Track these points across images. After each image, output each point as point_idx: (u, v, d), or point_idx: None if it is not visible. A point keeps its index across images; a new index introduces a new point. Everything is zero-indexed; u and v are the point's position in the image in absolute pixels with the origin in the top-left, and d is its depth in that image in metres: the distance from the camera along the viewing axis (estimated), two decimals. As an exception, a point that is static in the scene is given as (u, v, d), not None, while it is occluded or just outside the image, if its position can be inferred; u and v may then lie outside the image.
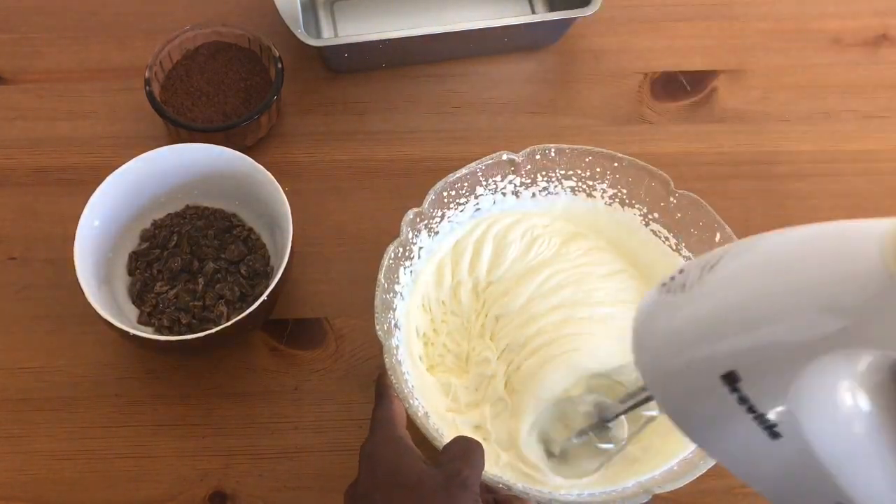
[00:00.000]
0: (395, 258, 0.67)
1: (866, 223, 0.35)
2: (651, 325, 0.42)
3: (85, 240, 0.67)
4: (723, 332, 0.38)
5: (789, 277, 0.36)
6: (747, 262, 0.39)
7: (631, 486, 0.62)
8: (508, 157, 0.71)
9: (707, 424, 0.40)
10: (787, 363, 0.36)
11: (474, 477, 0.49)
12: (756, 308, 0.37)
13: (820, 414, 0.36)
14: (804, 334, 0.35)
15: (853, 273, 0.34)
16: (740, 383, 0.37)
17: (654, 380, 0.42)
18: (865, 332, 0.34)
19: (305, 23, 0.81)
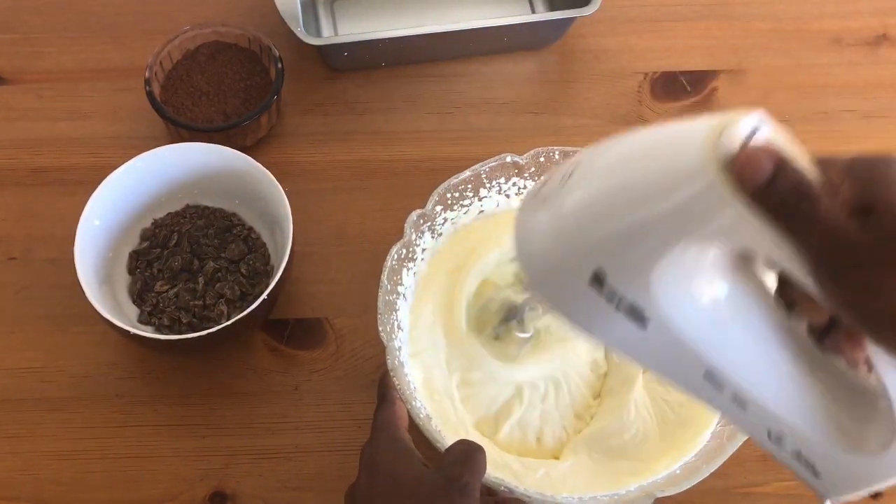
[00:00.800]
0: (399, 259, 0.67)
1: (700, 120, 0.38)
2: (524, 235, 0.45)
3: (85, 239, 0.67)
4: (583, 232, 0.41)
5: (632, 173, 0.40)
6: (596, 167, 0.42)
7: (634, 490, 0.62)
8: (512, 159, 0.71)
9: (585, 318, 0.44)
10: (642, 255, 0.39)
11: (475, 482, 0.49)
12: (607, 205, 0.40)
13: (679, 302, 0.41)
14: (650, 225, 0.39)
15: (683, 164, 0.37)
16: (607, 279, 0.41)
17: (533, 283, 0.45)
18: (699, 225, 0.37)
19: (305, 22, 0.81)
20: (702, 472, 0.60)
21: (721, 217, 0.36)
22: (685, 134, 0.38)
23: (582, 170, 0.42)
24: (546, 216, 0.43)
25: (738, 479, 0.68)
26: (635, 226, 0.39)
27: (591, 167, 0.42)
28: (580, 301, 0.42)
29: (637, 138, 0.42)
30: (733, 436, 0.61)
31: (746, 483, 0.68)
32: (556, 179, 0.43)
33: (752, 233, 0.36)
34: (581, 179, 0.42)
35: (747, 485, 0.68)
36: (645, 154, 0.40)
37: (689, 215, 0.37)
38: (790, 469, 0.45)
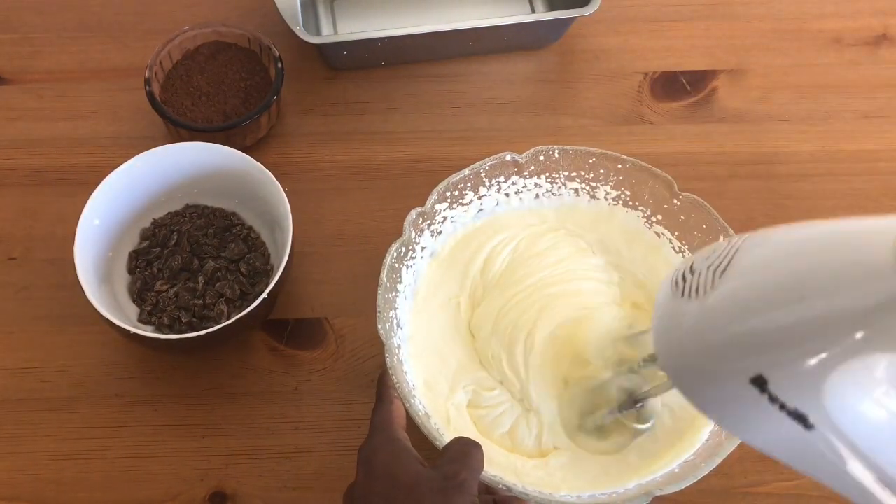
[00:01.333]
0: (398, 257, 0.67)
1: (882, 220, 0.35)
2: (672, 331, 0.42)
3: (85, 238, 0.67)
4: (745, 338, 0.38)
5: (804, 274, 0.36)
6: (760, 260, 0.38)
7: (632, 488, 0.62)
8: (512, 157, 0.71)
9: (738, 420, 0.40)
10: (813, 363, 0.35)
11: (472, 479, 0.49)
12: (773, 308, 0.37)
13: (852, 409, 0.37)
14: (825, 333, 0.35)
15: (866, 274, 0.34)
16: (769, 385, 0.37)
17: (682, 382, 0.42)
18: (885, 334, 0.34)
19: (305, 21, 0.81)
20: (701, 470, 0.60)
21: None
22: (872, 229, 0.35)
23: (742, 260, 0.39)
24: (699, 310, 0.40)
25: (738, 479, 0.68)
26: (805, 329, 0.35)
27: (754, 257, 0.39)
28: (734, 401, 0.39)
29: (811, 230, 0.38)
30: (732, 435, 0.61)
31: (746, 483, 0.68)
32: (709, 267, 0.40)
33: None
34: (741, 272, 0.39)
35: (747, 485, 0.68)
36: (822, 248, 0.36)
37: (872, 321, 0.34)
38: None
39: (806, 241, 0.38)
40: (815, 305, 0.35)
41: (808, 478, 0.61)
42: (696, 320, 0.40)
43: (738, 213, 0.72)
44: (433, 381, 0.67)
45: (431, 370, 0.67)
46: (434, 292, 0.70)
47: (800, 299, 0.36)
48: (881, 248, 0.33)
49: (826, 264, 0.36)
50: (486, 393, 0.67)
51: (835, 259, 0.35)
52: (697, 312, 0.40)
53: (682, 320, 0.41)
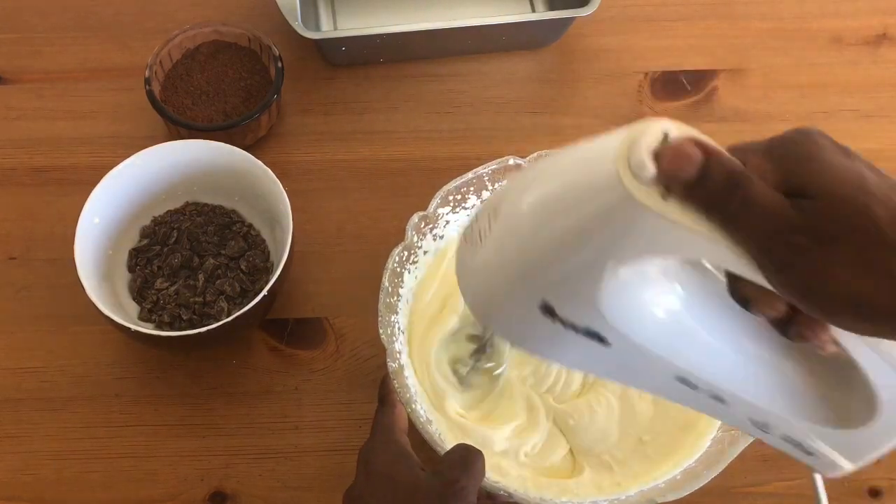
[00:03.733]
0: (400, 262, 0.66)
1: (609, 137, 0.37)
2: (467, 276, 0.45)
3: (85, 236, 0.67)
4: (520, 272, 0.41)
5: (552, 205, 0.39)
6: (519, 201, 0.41)
7: (634, 496, 0.62)
8: (515, 161, 0.70)
9: (546, 345, 0.43)
10: (584, 285, 0.39)
11: (471, 486, 0.48)
12: (538, 245, 0.40)
13: (633, 313, 0.40)
14: (582, 255, 0.38)
15: (599, 194, 0.36)
16: (556, 311, 0.40)
17: (486, 320, 0.46)
18: (623, 242, 0.37)
19: (305, 18, 0.81)
20: (703, 477, 0.60)
21: (643, 229, 0.36)
22: (597, 151, 0.38)
23: (506, 205, 0.42)
24: (481, 257, 0.43)
25: (738, 479, 0.68)
26: (563, 255, 0.39)
27: (514, 202, 0.42)
28: (536, 330, 0.42)
29: (553, 163, 0.41)
30: (735, 441, 0.61)
31: (746, 483, 0.68)
32: (486, 217, 0.43)
33: (680, 239, 0.36)
34: (506, 215, 0.42)
35: (747, 485, 0.68)
36: (561, 179, 0.40)
37: (611, 234, 0.37)
38: (782, 451, 0.45)
39: (548, 178, 0.41)
40: (567, 234, 0.38)
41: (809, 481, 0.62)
42: (478, 265, 0.43)
43: (738, 213, 0.71)
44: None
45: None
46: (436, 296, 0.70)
47: (553, 233, 0.39)
48: (606, 167, 0.36)
49: (567, 197, 0.38)
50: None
51: (572, 190, 0.38)
52: (480, 258, 0.43)
53: (470, 266, 0.44)
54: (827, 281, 0.34)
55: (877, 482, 0.68)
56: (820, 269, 0.34)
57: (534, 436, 0.65)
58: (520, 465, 0.65)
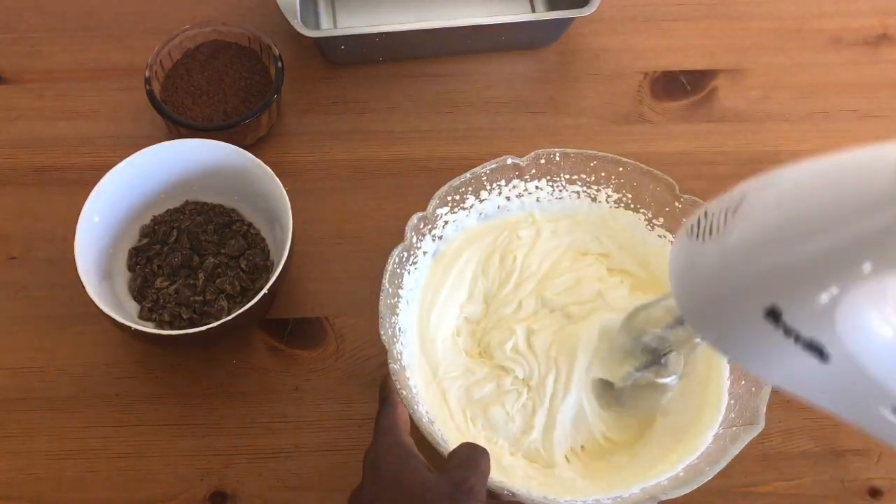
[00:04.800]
0: (400, 263, 0.66)
1: (885, 146, 0.36)
2: (688, 273, 0.43)
3: (85, 236, 0.68)
4: (758, 269, 0.38)
5: (815, 201, 0.37)
6: (772, 196, 0.39)
7: (637, 493, 0.62)
8: (513, 161, 0.70)
9: (756, 356, 0.41)
10: (825, 290, 0.36)
11: (480, 484, 0.49)
12: (785, 238, 0.38)
13: (866, 333, 0.37)
14: (836, 261, 0.36)
15: (873, 191, 0.34)
16: (783, 316, 0.38)
17: (701, 324, 0.43)
18: (891, 253, 0.34)
19: (305, 16, 0.81)
20: (705, 474, 0.60)
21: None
22: (872, 159, 0.36)
23: (752, 200, 0.40)
24: (713, 249, 0.41)
25: (738, 479, 0.68)
26: (816, 259, 0.36)
27: (763, 197, 0.40)
28: (753, 336, 0.40)
29: (815, 166, 0.39)
30: (736, 438, 0.61)
31: (746, 483, 0.68)
32: (721, 210, 0.41)
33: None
34: (752, 210, 0.40)
35: (747, 485, 0.68)
36: (826, 181, 0.37)
37: (880, 245, 0.34)
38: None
39: (811, 176, 0.39)
40: (824, 237, 0.36)
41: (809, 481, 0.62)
42: (709, 259, 0.41)
43: (738, 213, 0.71)
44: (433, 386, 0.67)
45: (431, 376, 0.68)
46: (436, 297, 0.70)
47: (808, 232, 0.36)
48: (882, 175, 0.34)
49: (831, 197, 0.36)
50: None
51: (839, 190, 0.36)
52: (711, 251, 0.41)
53: (696, 260, 0.42)
54: None
55: (877, 482, 0.69)
56: None
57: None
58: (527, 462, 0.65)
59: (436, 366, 0.68)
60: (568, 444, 0.66)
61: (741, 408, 0.63)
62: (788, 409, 0.70)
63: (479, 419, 0.67)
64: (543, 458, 0.65)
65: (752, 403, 0.63)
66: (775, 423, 0.69)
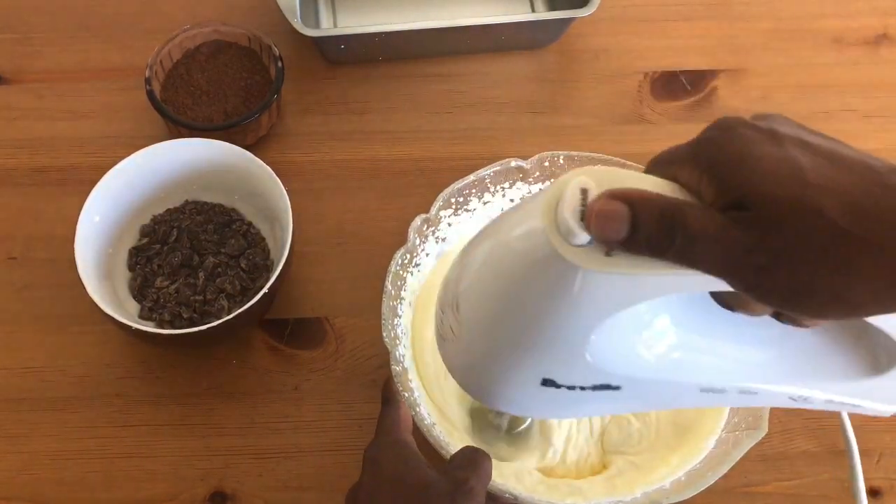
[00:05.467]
0: (402, 265, 0.66)
1: (528, 209, 0.36)
2: (456, 371, 0.44)
3: (86, 235, 0.68)
4: (509, 363, 0.40)
5: (507, 300, 0.38)
6: (475, 301, 0.40)
7: (639, 497, 0.62)
8: (517, 163, 0.70)
9: (558, 409, 0.43)
10: (572, 351, 0.38)
11: (480, 487, 0.49)
12: (510, 333, 0.39)
13: (632, 356, 0.40)
14: (558, 331, 0.37)
15: (546, 269, 0.35)
16: (558, 382, 0.40)
17: (493, 405, 0.44)
18: (598, 305, 0.36)
19: (305, 16, 0.81)
20: (707, 478, 0.60)
21: (605, 288, 0.35)
22: (526, 228, 0.37)
23: (462, 299, 0.41)
24: (462, 352, 0.42)
25: (738, 479, 0.68)
26: (539, 336, 0.38)
27: (469, 297, 0.41)
28: (544, 401, 0.41)
29: (489, 248, 0.40)
30: (738, 443, 0.61)
31: (746, 483, 0.68)
32: (449, 311, 0.42)
33: (644, 285, 0.35)
34: (466, 311, 0.41)
35: (747, 485, 0.68)
36: (504, 268, 0.38)
37: (576, 303, 0.36)
38: (833, 411, 0.45)
39: (490, 266, 0.39)
40: (533, 317, 0.37)
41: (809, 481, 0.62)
42: (463, 361, 0.43)
43: (738, 213, 0.71)
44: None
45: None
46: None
47: (520, 319, 0.38)
48: (540, 243, 0.35)
49: (516, 284, 0.37)
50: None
51: (519, 275, 0.37)
52: (460, 353, 0.42)
53: (455, 363, 0.44)
54: (800, 289, 0.33)
55: (877, 482, 0.69)
56: (787, 281, 0.33)
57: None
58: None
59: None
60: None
61: (744, 412, 0.63)
62: (788, 411, 0.70)
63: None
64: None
65: (755, 408, 0.62)
66: (775, 424, 0.69)
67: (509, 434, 0.65)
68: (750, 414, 0.63)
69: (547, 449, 0.64)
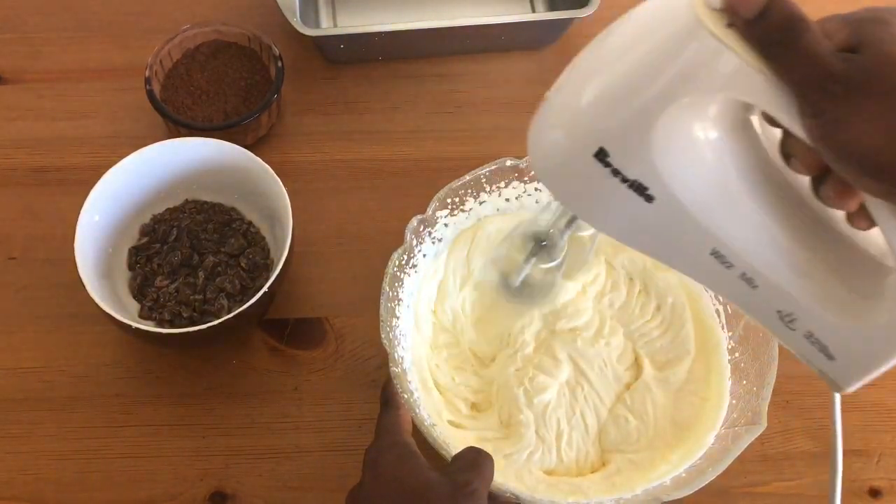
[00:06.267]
0: (399, 266, 0.66)
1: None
2: (534, 130, 0.46)
3: (85, 235, 0.68)
4: (582, 114, 0.42)
5: (625, 45, 0.41)
6: (594, 47, 0.43)
7: (640, 494, 0.62)
8: (512, 163, 0.70)
9: (593, 202, 0.44)
10: (640, 125, 0.40)
11: (483, 488, 0.49)
12: (605, 81, 0.41)
13: (681, 168, 0.41)
14: (646, 93, 0.39)
15: (672, 25, 0.38)
16: (610, 157, 0.41)
17: (544, 174, 0.46)
18: (694, 78, 0.38)
19: (305, 15, 0.81)
20: (707, 474, 0.60)
21: (712, 66, 0.37)
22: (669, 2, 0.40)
23: (581, 55, 0.44)
24: (550, 103, 0.45)
25: (738, 479, 0.68)
26: (626, 89, 0.40)
27: (589, 50, 0.43)
28: (585, 179, 0.43)
29: (631, 13, 0.42)
30: (738, 438, 0.61)
31: (746, 483, 0.68)
32: (565, 73, 0.45)
33: (734, 75, 0.37)
34: (579, 63, 0.44)
35: (747, 485, 0.68)
36: (635, 23, 0.41)
37: (672, 61, 0.38)
38: (802, 356, 0.46)
39: (625, 22, 0.42)
40: (632, 65, 0.40)
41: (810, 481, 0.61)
42: (547, 111, 0.45)
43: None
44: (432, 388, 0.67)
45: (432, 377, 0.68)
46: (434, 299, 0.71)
47: (624, 74, 0.40)
48: (683, 14, 0.38)
49: (636, 29, 0.41)
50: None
51: (643, 22, 0.40)
52: (549, 105, 0.45)
53: (541, 114, 0.46)
54: (848, 131, 0.36)
55: (877, 482, 0.69)
56: (843, 119, 0.36)
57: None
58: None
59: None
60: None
61: (743, 408, 0.63)
62: (788, 410, 0.70)
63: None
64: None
65: (753, 404, 0.63)
66: (775, 423, 0.69)
67: (527, 286, 0.66)
68: (749, 410, 0.63)
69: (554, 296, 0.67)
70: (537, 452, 0.65)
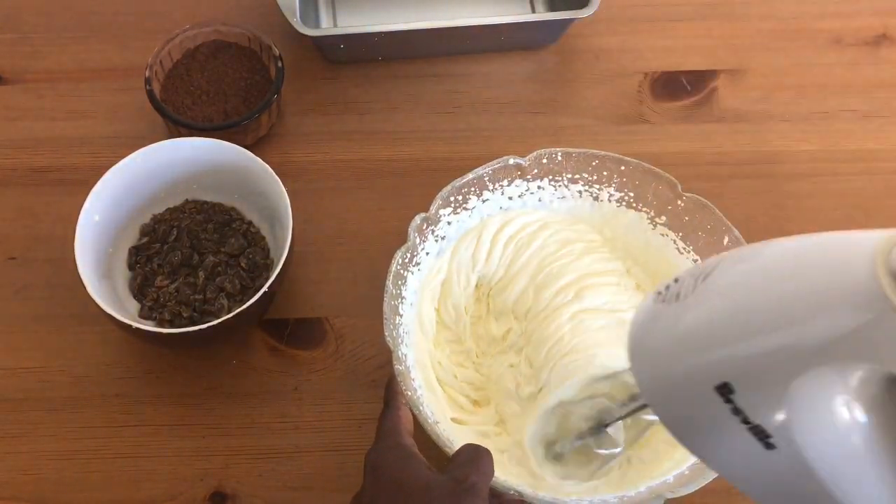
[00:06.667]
0: (403, 264, 0.66)
1: (860, 235, 0.35)
2: (646, 335, 0.42)
3: (85, 235, 0.68)
4: (716, 343, 0.37)
5: (783, 289, 0.36)
6: (742, 272, 0.38)
7: (643, 491, 0.62)
8: (515, 161, 0.70)
9: (702, 433, 0.40)
10: (780, 375, 0.35)
11: (483, 483, 0.49)
12: (749, 319, 0.37)
13: (814, 426, 0.36)
14: (797, 347, 0.35)
15: (845, 289, 0.33)
16: (734, 395, 0.37)
17: (649, 388, 0.42)
18: (857, 346, 0.34)
19: (305, 16, 0.81)
20: (711, 472, 0.60)
21: (890, 336, 0.32)
22: (845, 247, 0.35)
23: (722, 272, 0.39)
24: (675, 313, 0.40)
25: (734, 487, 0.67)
26: (774, 351, 0.35)
27: (733, 272, 0.39)
28: (699, 410, 0.38)
29: (789, 247, 0.38)
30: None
31: (747, 483, 0.68)
32: (692, 277, 0.40)
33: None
34: (720, 283, 0.38)
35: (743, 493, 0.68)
36: (796, 268, 0.36)
37: (849, 333, 0.33)
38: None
39: (781, 259, 0.37)
40: (786, 331, 0.35)
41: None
42: (669, 323, 0.40)
43: (738, 213, 0.71)
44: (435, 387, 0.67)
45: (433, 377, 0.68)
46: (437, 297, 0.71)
47: (771, 324, 0.35)
48: (855, 270, 0.33)
49: (798, 288, 0.35)
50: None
51: (808, 282, 0.35)
52: (672, 315, 0.40)
53: (656, 323, 0.41)
54: None
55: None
56: None
57: None
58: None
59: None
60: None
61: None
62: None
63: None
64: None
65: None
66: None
67: (580, 454, 0.61)
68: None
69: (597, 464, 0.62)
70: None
